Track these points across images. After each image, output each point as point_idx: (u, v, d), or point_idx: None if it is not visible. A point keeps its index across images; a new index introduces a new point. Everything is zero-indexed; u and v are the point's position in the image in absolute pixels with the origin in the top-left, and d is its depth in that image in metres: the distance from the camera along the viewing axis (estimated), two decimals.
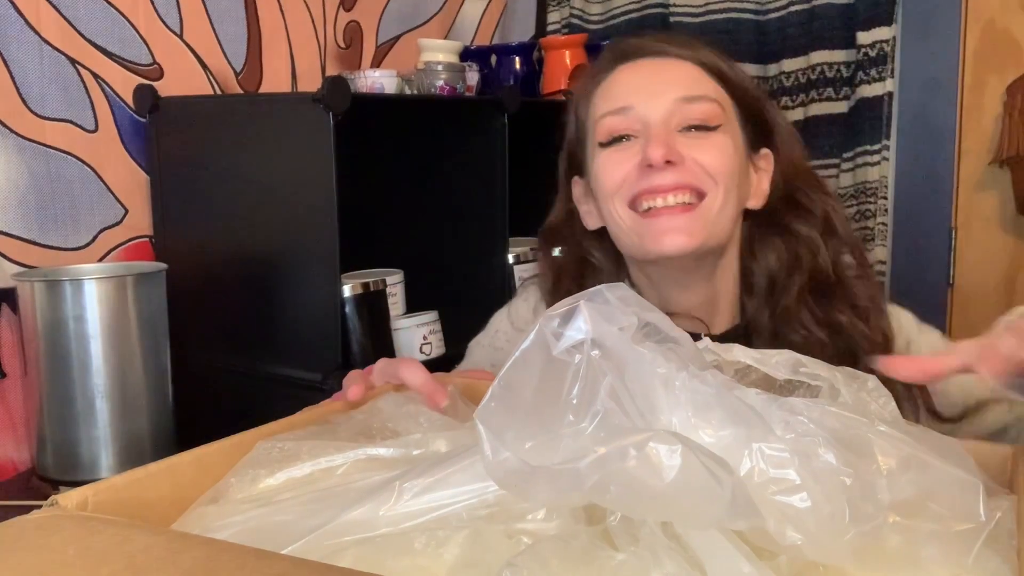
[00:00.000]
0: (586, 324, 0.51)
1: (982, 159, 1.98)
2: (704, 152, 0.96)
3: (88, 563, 0.46)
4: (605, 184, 0.99)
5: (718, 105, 0.98)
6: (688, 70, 1.00)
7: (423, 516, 0.52)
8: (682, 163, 0.94)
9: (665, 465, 0.44)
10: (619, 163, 0.97)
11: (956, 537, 0.49)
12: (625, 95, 0.99)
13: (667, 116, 0.97)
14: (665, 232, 0.95)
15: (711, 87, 1.00)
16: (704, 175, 0.95)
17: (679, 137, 0.97)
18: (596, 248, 1.09)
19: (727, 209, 0.97)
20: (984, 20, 1.96)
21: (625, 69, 1.02)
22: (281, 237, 1.39)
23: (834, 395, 0.57)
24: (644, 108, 0.97)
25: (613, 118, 0.99)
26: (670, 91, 0.97)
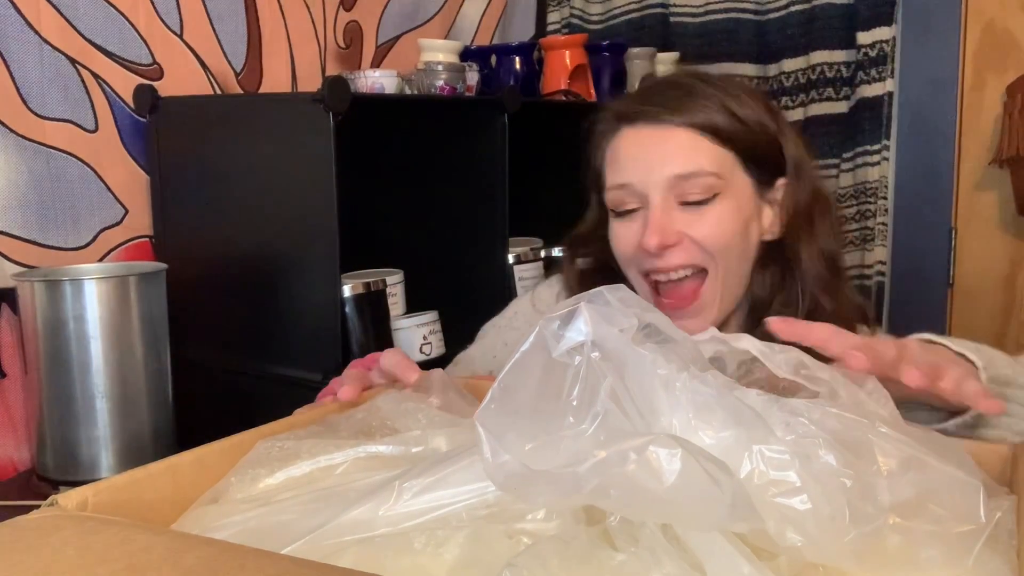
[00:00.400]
0: (586, 326, 0.51)
1: (982, 159, 1.98)
2: (701, 228, 1.01)
3: (88, 563, 0.46)
4: (619, 253, 1.07)
5: (714, 176, 1.02)
6: (685, 139, 1.02)
7: (423, 516, 0.52)
8: (679, 243, 1.01)
9: (665, 469, 0.44)
10: (627, 237, 1.04)
11: (956, 538, 0.49)
12: (625, 170, 1.04)
13: (664, 194, 1.01)
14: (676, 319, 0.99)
15: (707, 156, 1.02)
16: (702, 253, 1.01)
17: (678, 212, 1.02)
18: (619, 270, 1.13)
19: (731, 276, 1.04)
20: (984, 20, 1.96)
21: (627, 135, 1.05)
22: (281, 237, 1.39)
23: (834, 396, 0.57)
24: (642, 186, 1.02)
25: (617, 192, 1.05)
26: (666, 167, 1.01)
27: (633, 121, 1.05)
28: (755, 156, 1.05)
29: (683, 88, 1.05)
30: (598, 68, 1.97)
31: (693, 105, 1.03)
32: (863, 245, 2.07)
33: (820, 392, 0.58)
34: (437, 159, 1.72)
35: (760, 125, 1.05)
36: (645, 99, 1.07)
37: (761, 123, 1.06)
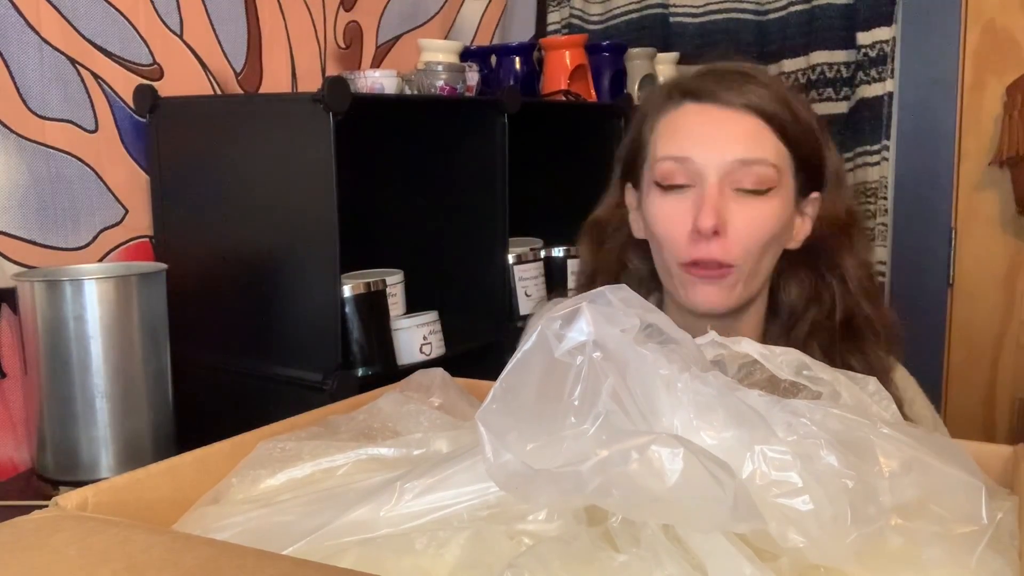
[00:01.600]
0: (588, 326, 0.51)
1: (982, 159, 1.98)
2: (751, 221, 0.99)
3: (88, 563, 0.46)
4: (659, 234, 1.03)
5: (774, 169, 1.00)
6: (751, 126, 1.01)
7: (424, 517, 0.52)
8: (726, 234, 0.98)
9: (667, 469, 0.44)
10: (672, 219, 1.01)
11: (958, 539, 0.49)
12: (686, 144, 1.01)
13: (723, 176, 0.99)
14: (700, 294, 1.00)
15: (771, 147, 1.01)
16: (741, 248, 0.99)
17: (731, 197, 0.99)
18: (637, 256, 1.12)
19: (759, 273, 1.02)
20: (984, 20, 1.96)
21: (692, 110, 1.03)
22: (281, 237, 1.39)
23: (836, 397, 0.57)
24: (703, 163, 0.99)
25: (672, 164, 1.01)
26: (730, 149, 0.99)
27: (699, 98, 1.02)
28: (805, 161, 1.04)
29: (751, 75, 1.04)
30: (598, 68, 1.97)
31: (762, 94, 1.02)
32: None
33: (822, 393, 0.58)
34: (437, 159, 1.72)
35: (812, 131, 1.05)
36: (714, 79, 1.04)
37: (813, 129, 1.06)
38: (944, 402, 2.08)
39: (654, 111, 1.06)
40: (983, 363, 2.03)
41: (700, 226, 0.97)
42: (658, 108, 1.06)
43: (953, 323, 2.05)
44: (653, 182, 1.03)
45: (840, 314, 1.05)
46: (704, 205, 0.98)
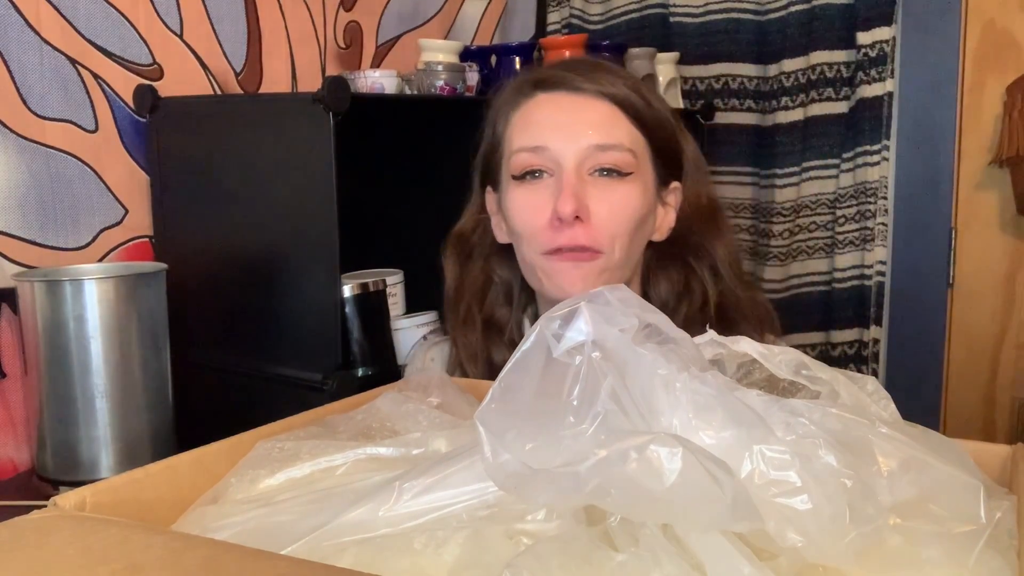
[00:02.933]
0: (587, 325, 0.51)
1: (982, 159, 1.98)
2: (611, 206, 0.98)
3: (87, 563, 0.46)
4: (518, 226, 1.01)
5: (631, 154, 1.00)
6: (605, 111, 1.00)
7: (423, 516, 0.52)
8: (588, 219, 0.97)
9: (666, 468, 0.44)
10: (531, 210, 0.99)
11: (957, 538, 0.49)
12: (541, 133, 1.00)
13: (580, 161, 0.98)
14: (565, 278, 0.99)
15: (626, 132, 1.01)
16: (606, 234, 0.98)
17: (590, 183, 0.98)
18: (502, 265, 1.11)
19: (626, 258, 1.01)
20: (984, 20, 1.96)
21: (544, 100, 1.02)
22: (281, 237, 1.39)
23: (834, 397, 0.57)
24: (558, 150, 0.98)
25: (527, 155, 1.00)
26: (585, 135, 0.99)
27: (550, 88, 1.02)
28: (662, 148, 1.04)
29: (602, 65, 1.04)
30: None
31: (614, 80, 1.01)
32: (863, 245, 2.07)
33: (820, 392, 0.58)
34: (437, 159, 1.71)
35: (667, 119, 1.05)
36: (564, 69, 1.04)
37: (668, 118, 1.05)
38: (944, 402, 2.08)
39: (506, 107, 1.05)
40: (983, 363, 2.03)
41: (560, 211, 0.96)
42: (510, 103, 1.05)
43: (953, 323, 2.05)
44: (511, 176, 1.02)
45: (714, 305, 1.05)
46: (563, 191, 0.96)
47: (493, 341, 1.11)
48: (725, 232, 1.09)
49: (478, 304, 1.11)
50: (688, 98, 2.23)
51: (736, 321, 1.05)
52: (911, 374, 2.08)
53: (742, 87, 2.21)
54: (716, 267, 1.06)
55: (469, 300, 1.11)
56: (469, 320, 1.11)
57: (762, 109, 2.20)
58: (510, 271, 1.11)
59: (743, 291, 1.07)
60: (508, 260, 1.11)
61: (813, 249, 2.14)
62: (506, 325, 1.11)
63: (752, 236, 2.24)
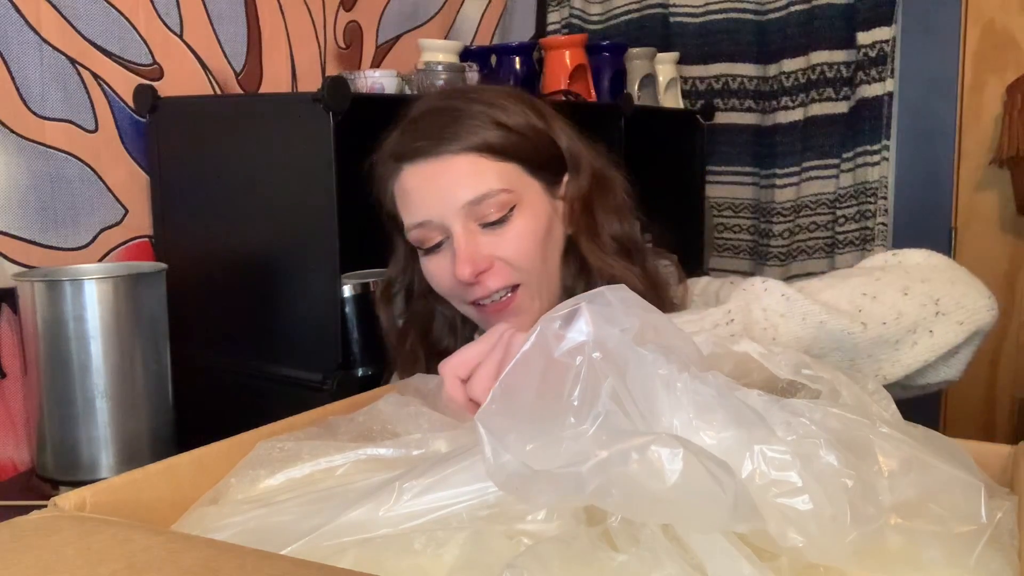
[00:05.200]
0: (587, 326, 0.51)
1: (982, 159, 1.98)
2: (508, 246, 1.01)
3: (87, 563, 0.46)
4: (438, 288, 1.06)
5: (505, 192, 1.01)
6: (465, 165, 1.01)
7: (423, 517, 0.52)
8: (491, 267, 1.00)
9: (667, 469, 0.44)
10: (441, 271, 1.04)
11: (958, 538, 0.49)
12: (418, 209, 1.03)
13: (464, 221, 1.01)
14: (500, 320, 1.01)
15: (493, 175, 1.02)
16: (513, 271, 1.01)
17: (481, 234, 1.01)
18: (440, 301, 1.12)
19: (547, 275, 1.04)
20: (984, 20, 1.96)
21: (409, 172, 1.04)
22: (281, 237, 1.39)
23: (835, 396, 0.57)
24: (440, 217, 1.01)
25: (418, 231, 1.04)
26: (456, 195, 1.01)
27: (412, 159, 1.03)
28: (536, 160, 1.04)
29: (449, 114, 1.04)
30: (598, 68, 1.98)
31: (464, 129, 1.02)
32: (863, 245, 2.07)
33: (821, 392, 0.58)
34: None
35: (532, 129, 1.05)
36: (417, 134, 1.05)
37: (532, 127, 1.05)
38: (944, 402, 2.08)
39: (384, 183, 1.08)
40: (983, 363, 2.03)
41: (459, 277, 1.00)
42: (385, 178, 1.08)
43: None
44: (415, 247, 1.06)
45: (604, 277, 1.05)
46: (457, 257, 1.00)
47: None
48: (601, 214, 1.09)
49: (423, 338, 1.14)
50: (688, 98, 2.23)
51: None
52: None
53: (742, 87, 2.21)
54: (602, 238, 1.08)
55: (414, 337, 1.14)
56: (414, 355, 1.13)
57: (762, 109, 2.20)
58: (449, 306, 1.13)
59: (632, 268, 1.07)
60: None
61: (813, 249, 2.14)
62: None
63: (752, 236, 2.24)
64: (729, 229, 2.28)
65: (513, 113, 1.04)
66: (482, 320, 1.05)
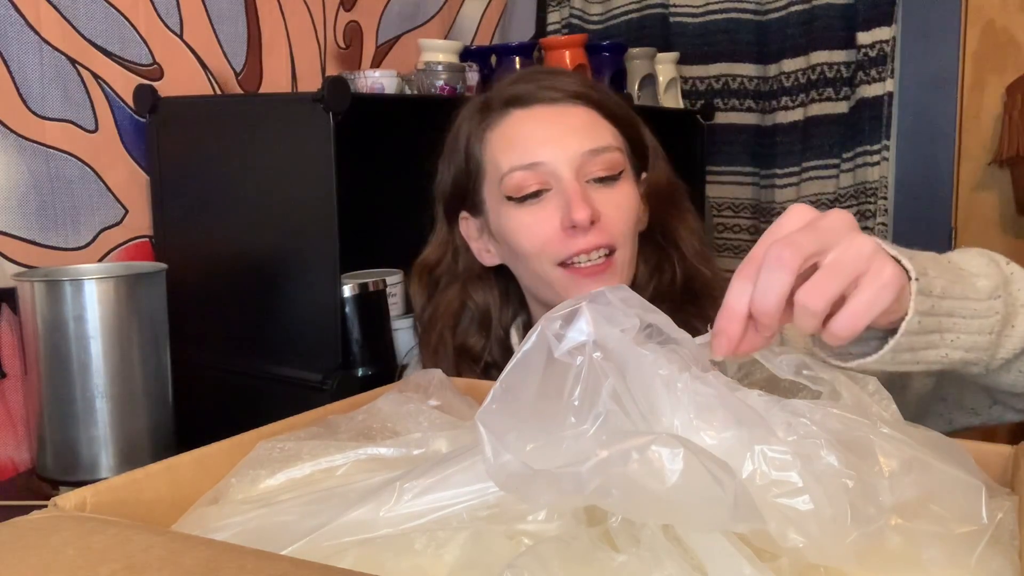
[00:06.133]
0: (588, 326, 0.51)
1: (982, 159, 1.98)
2: (615, 207, 0.99)
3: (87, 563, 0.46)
4: (527, 245, 1.00)
5: (619, 152, 1.01)
6: (585, 115, 1.01)
7: (424, 517, 0.52)
8: (599, 221, 0.98)
9: (667, 469, 0.44)
10: (536, 224, 0.99)
11: (958, 539, 0.49)
12: (531, 148, 0.99)
13: (577, 169, 0.98)
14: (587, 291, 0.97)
15: (609, 132, 1.01)
16: (617, 233, 0.99)
17: (590, 189, 0.99)
18: (479, 290, 1.11)
19: (631, 254, 1.02)
20: (984, 20, 1.96)
21: (522, 116, 1.01)
22: (281, 237, 1.39)
23: (836, 397, 0.57)
24: (554, 162, 0.98)
25: (523, 173, 0.99)
26: (576, 142, 0.98)
27: (525, 103, 1.01)
28: (633, 141, 1.05)
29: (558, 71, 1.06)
30: (598, 68, 1.97)
31: (578, 82, 1.02)
32: None
33: (822, 392, 0.58)
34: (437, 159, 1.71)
35: (631, 113, 1.07)
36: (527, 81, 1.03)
37: (628, 109, 1.07)
38: None
39: (479, 130, 1.04)
40: None
41: (576, 219, 0.95)
42: (483, 126, 1.04)
43: None
44: (505, 198, 1.00)
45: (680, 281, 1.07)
46: (572, 199, 0.96)
47: (465, 369, 1.10)
48: (686, 213, 1.11)
49: (451, 330, 1.11)
50: (688, 98, 2.23)
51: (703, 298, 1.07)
52: None
53: (742, 87, 2.21)
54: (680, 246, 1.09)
55: (441, 327, 1.11)
56: (441, 347, 1.10)
57: (762, 109, 2.20)
58: (486, 295, 1.11)
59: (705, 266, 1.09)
60: (484, 285, 1.11)
61: None
62: (479, 353, 1.11)
63: (752, 236, 2.24)
64: (729, 229, 2.28)
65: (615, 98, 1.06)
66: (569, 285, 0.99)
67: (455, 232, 1.11)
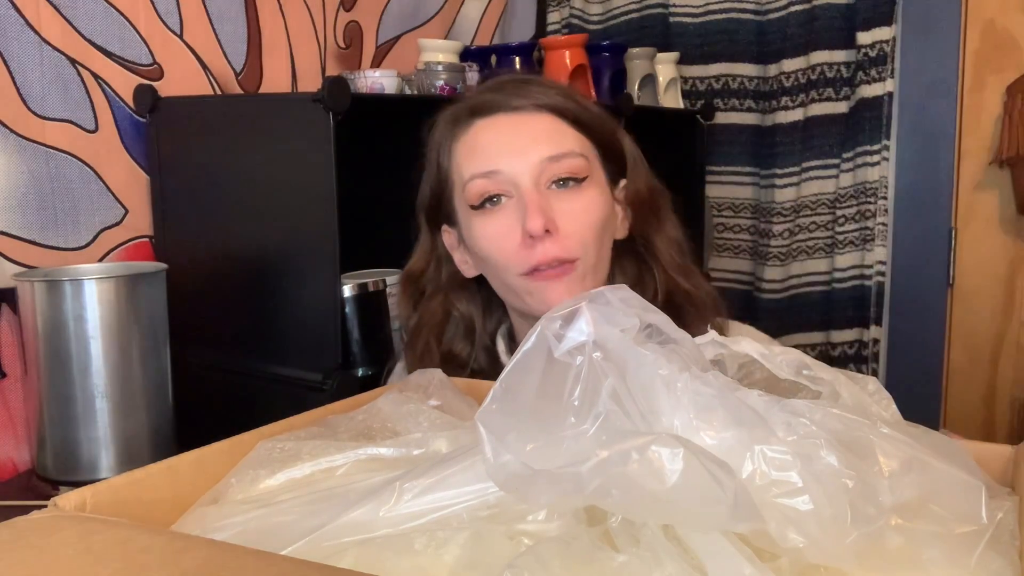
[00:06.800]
0: (588, 326, 0.51)
1: (982, 159, 1.98)
2: (576, 214, 0.97)
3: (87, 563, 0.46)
4: (491, 256, 1.00)
5: (583, 158, 1.00)
6: (547, 123, 1.00)
7: (424, 517, 0.52)
8: (557, 232, 0.96)
9: (667, 469, 0.44)
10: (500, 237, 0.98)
11: (958, 539, 0.49)
12: (490, 157, 0.99)
13: (536, 176, 0.97)
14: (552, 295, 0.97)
15: (573, 139, 1.00)
16: (577, 242, 0.97)
17: (550, 196, 0.98)
18: (462, 299, 1.10)
19: (598, 261, 1.00)
20: (984, 20, 1.96)
21: (484, 125, 1.01)
22: (281, 237, 1.39)
23: (836, 397, 0.57)
24: (512, 170, 0.97)
25: (482, 181, 0.99)
26: (535, 150, 0.98)
27: (488, 112, 1.01)
28: (606, 149, 1.04)
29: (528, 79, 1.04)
30: (598, 68, 1.98)
31: (546, 91, 1.01)
32: (863, 245, 2.07)
33: (821, 393, 0.58)
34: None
35: (605, 119, 1.06)
36: (493, 90, 1.03)
37: (603, 116, 1.06)
38: (944, 402, 2.08)
39: (446, 140, 1.04)
40: (983, 363, 2.03)
41: (530, 229, 0.94)
42: (449, 136, 1.04)
43: (953, 323, 2.05)
44: (468, 207, 1.01)
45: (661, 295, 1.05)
46: (528, 208, 0.95)
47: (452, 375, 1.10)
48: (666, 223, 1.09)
49: (436, 339, 1.11)
50: (688, 98, 2.23)
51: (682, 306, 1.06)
52: (911, 374, 2.09)
53: (742, 87, 2.21)
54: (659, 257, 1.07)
55: (427, 335, 1.11)
56: (427, 354, 1.10)
57: (762, 109, 2.20)
58: (470, 303, 1.11)
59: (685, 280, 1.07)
60: (468, 294, 1.11)
61: (813, 249, 2.14)
62: (466, 359, 1.10)
63: (752, 236, 2.24)
64: (729, 229, 2.28)
65: (589, 101, 1.05)
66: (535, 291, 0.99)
67: (438, 242, 1.11)
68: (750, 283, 2.23)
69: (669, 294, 1.06)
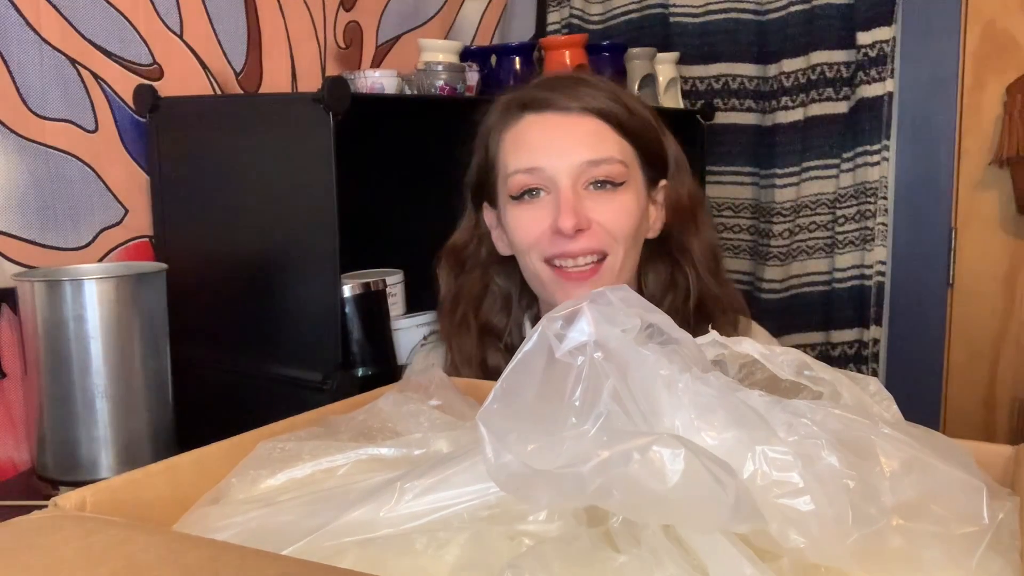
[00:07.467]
0: (589, 326, 0.51)
1: (982, 159, 1.98)
2: (609, 215, 1.03)
3: (87, 563, 0.46)
4: (519, 240, 1.06)
5: (622, 164, 1.04)
6: (592, 127, 1.04)
7: (424, 517, 0.52)
8: (589, 228, 1.02)
9: (668, 469, 0.44)
10: (531, 222, 1.04)
11: (959, 539, 0.49)
12: (534, 155, 1.04)
13: (575, 177, 1.02)
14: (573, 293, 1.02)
15: (615, 144, 1.05)
16: (608, 238, 1.03)
17: (586, 196, 1.03)
18: (501, 274, 1.16)
19: (628, 261, 1.06)
20: (984, 20, 1.96)
21: (533, 121, 1.06)
22: (281, 237, 1.39)
23: (837, 397, 0.57)
24: (553, 169, 1.03)
25: (523, 176, 1.04)
26: (576, 152, 1.03)
27: (538, 109, 1.05)
28: (648, 153, 1.08)
29: (583, 80, 1.08)
30: (598, 68, 1.97)
31: (596, 94, 1.05)
32: (863, 245, 2.07)
33: (823, 393, 0.58)
34: (437, 159, 1.71)
35: (649, 123, 1.10)
36: (547, 88, 1.07)
37: (649, 121, 1.10)
38: (944, 402, 2.08)
39: (497, 128, 1.09)
40: (983, 363, 2.03)
41: (562, 227, 1.00)
42: (500, 125, 1.09)
43: (953, 323, 2.05)
44: (508, 196, 1.06)
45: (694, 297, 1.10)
46: (562, 207, 1.01)
47: (488, 345, 1.15)
48: (703, 228, 1.14)
49: (474, 310, 1.16)
50: (688, 98, 2.23)
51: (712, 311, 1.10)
52: (911, 374, 2.08)
53: (742, 87, 2.21)
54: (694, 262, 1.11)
55: (465, 307, 1.16)
56: (464, 324, 1.15)
57: (762, 109, 2.20)
58: (508, 280, 1.16)
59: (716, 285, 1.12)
60: (507, 269, 1.16)
61: (813, 249, 2.13)
62: (502, 331, 1.16)
63: (752, 236, 2.24)
64: (729, 229, 2.28)
65: (635, 101, 1.09)
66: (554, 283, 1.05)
67: (480, 219, 1.16)
68: (750, 283, 2.23)
69: (701, 297, 1.10)
